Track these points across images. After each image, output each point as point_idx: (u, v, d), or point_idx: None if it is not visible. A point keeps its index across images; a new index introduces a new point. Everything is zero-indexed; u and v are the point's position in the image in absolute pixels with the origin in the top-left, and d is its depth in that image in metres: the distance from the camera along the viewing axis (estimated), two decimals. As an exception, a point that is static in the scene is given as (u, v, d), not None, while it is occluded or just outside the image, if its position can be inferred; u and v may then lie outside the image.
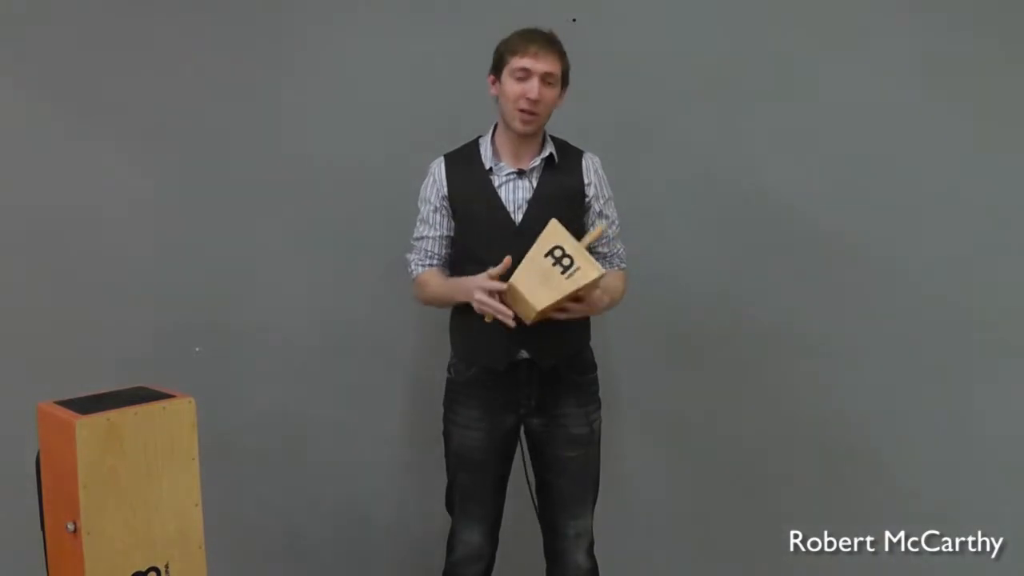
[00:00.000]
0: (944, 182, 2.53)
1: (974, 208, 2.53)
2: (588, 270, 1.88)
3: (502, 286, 1.89)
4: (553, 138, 2.09)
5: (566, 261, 1.87)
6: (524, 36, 1.98)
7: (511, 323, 1.89)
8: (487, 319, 1.94)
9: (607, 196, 2.12)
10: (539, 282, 1.88)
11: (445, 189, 2.07)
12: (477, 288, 1.91)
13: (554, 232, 1.89)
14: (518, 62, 1.95)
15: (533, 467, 2.17)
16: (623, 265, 2.18)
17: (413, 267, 2.13)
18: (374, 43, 2.48)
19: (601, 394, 2.17)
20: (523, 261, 1.89)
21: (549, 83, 1.97)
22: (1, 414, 2.22)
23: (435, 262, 2.11)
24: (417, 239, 2.12)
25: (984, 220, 2.54)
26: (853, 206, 2.54)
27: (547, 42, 1.98)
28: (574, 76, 2.06)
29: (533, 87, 1.94)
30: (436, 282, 2.09)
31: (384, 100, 2.48)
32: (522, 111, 1.96)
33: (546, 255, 1.88)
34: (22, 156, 2.31)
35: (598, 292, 1.95)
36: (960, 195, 2.53)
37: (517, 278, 1.89)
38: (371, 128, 2.47)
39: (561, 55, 2.00)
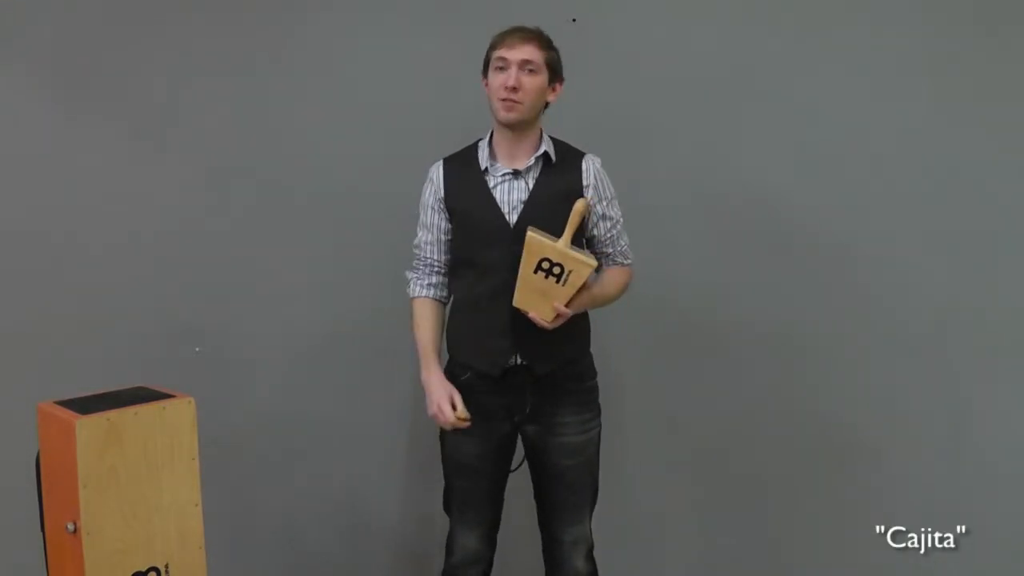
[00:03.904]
0: (943, 182, 2.53)
1: (973, 208, 2.53)
2: (580, 269, 1.91)
3: (459, 423, 1.96)
4: (554, 140, 2.08)
5: (556, 270, 1.90)
6: (503, 31, 2.01)
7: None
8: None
9: (610, 197, 2.10)
10: (540, 299, 1.93)
11: (442, 191, 2.06)
12: (435, 404, 1.99)
13: (534, 245, 1.90)
14: (496, 53, 1.99)
15: (530, 473, 2.15)
16: (626, 261, 2.15)
17: (412, 287, 2.11)
18: (375, 44, 2.48)
19: (600, 397, 2.15)
20: (518, 281, 1.92)
21: (530, 71, 1.97)
22: (1, 414, 2.22)
23: (434, 280, 2.10)
24: (417, 246, 2.12)
25: (983, 220, 2.54)
26: (853, 207, 2.54)
27: (525, 32, 2.00)
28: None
29: (511, 75, 1.96)
30: (421, 332, 2.07)
31: (385, 101, 2.48)
32: (502, 100, 1.97)
33: (535, 271, 1.90)
34: (23, 156, 2.31)
35: (586, 292, 1.98)
36: (959, 195, 2.53)
37: (519, 301, 1.94)
38: (372, 129, 2.47)
39: (542, 45, 2.00)
